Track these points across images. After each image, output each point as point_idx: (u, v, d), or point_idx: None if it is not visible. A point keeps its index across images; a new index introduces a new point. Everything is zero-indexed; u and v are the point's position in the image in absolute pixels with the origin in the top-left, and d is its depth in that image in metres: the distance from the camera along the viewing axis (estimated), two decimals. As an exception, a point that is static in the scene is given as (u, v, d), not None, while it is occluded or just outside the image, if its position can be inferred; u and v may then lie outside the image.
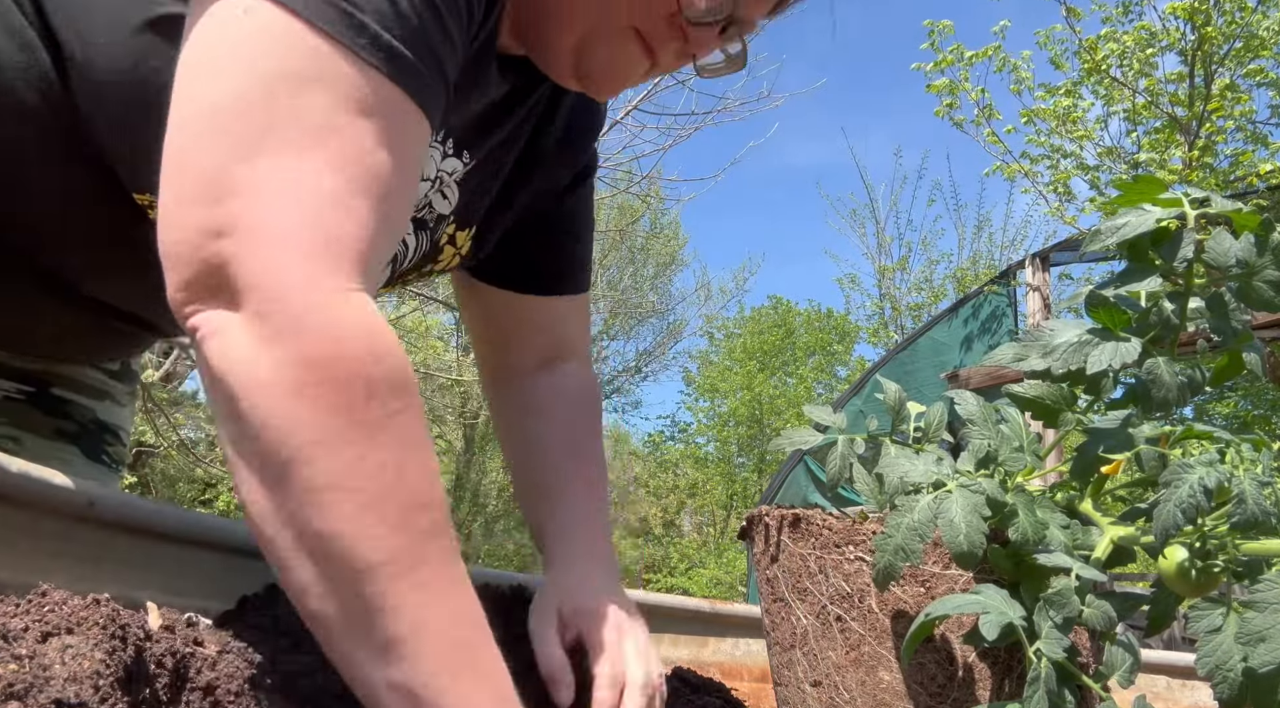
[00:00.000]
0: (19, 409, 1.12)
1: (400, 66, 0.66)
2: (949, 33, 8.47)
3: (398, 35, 0.66)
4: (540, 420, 1.11)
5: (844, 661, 0.85)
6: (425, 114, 0.69)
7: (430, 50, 0.69)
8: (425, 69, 0.69)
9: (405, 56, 0.67)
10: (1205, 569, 0.74)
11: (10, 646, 0.61)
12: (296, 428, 0.59)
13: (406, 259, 0.97)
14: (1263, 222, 0.76)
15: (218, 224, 0.60)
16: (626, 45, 0.87)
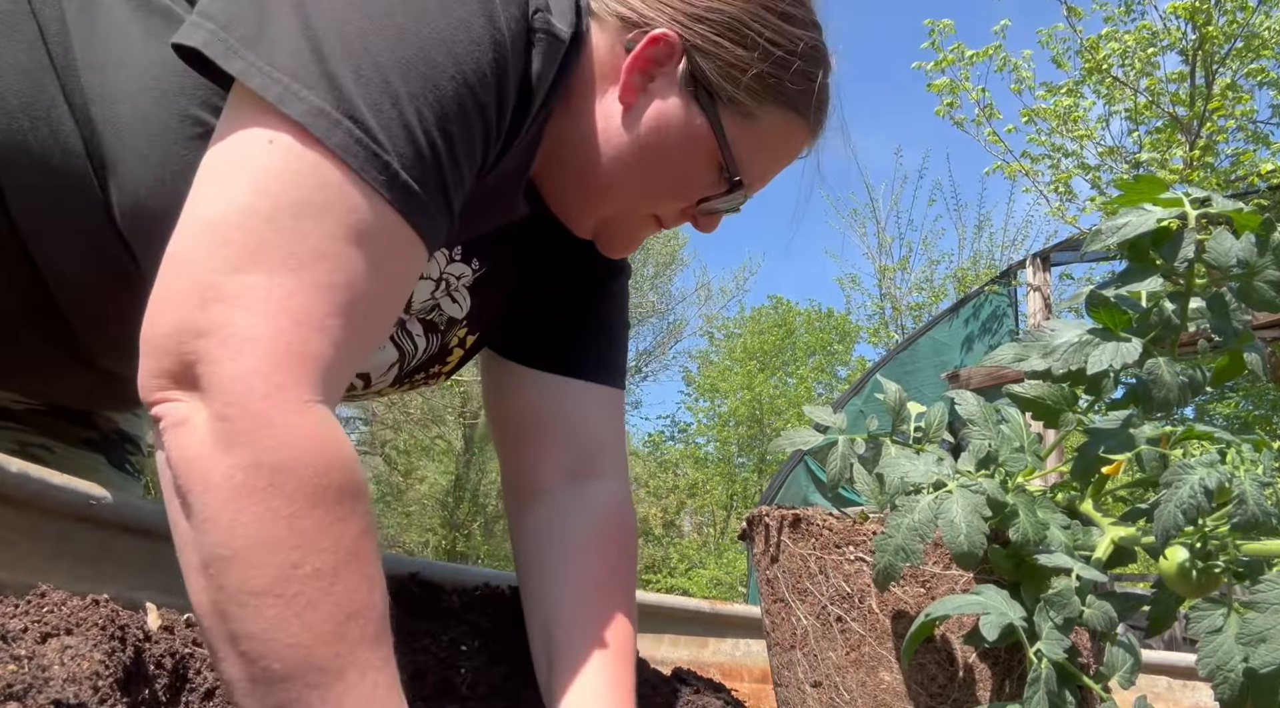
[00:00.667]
0: (48, 420, 1.16)
1: (411, 204, 0.71)
2: (949, 32, 8.46)
3: (414, 175, 0.70)
4: (563, 559, 0.99)
5: (844, 661, 0.85)
6: (425, 243, 0.74)
7: (441, 187, 0.73)
8: (432, 205, 0.73)
9: (417, 195, 0.71)
10: (1206, 570, 0.74)
11: (9, 646, 0.61)
12: (238, 530, 0.62)
13: (415, 358, 1.01)
14: (1264, 221, 0.76)
15: (199, 326, 0.64)
16: (645, 225, 0.99)
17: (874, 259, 17.15)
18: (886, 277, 17.04)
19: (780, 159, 0.98)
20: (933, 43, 8.48)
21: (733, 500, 18.68)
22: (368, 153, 0.68)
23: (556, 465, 1.04)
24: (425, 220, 0.73)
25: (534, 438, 1.05)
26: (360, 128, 0.68)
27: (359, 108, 0.68)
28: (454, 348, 1.05)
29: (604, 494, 1.03)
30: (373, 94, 0.69)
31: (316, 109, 0.67)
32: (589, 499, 1.03)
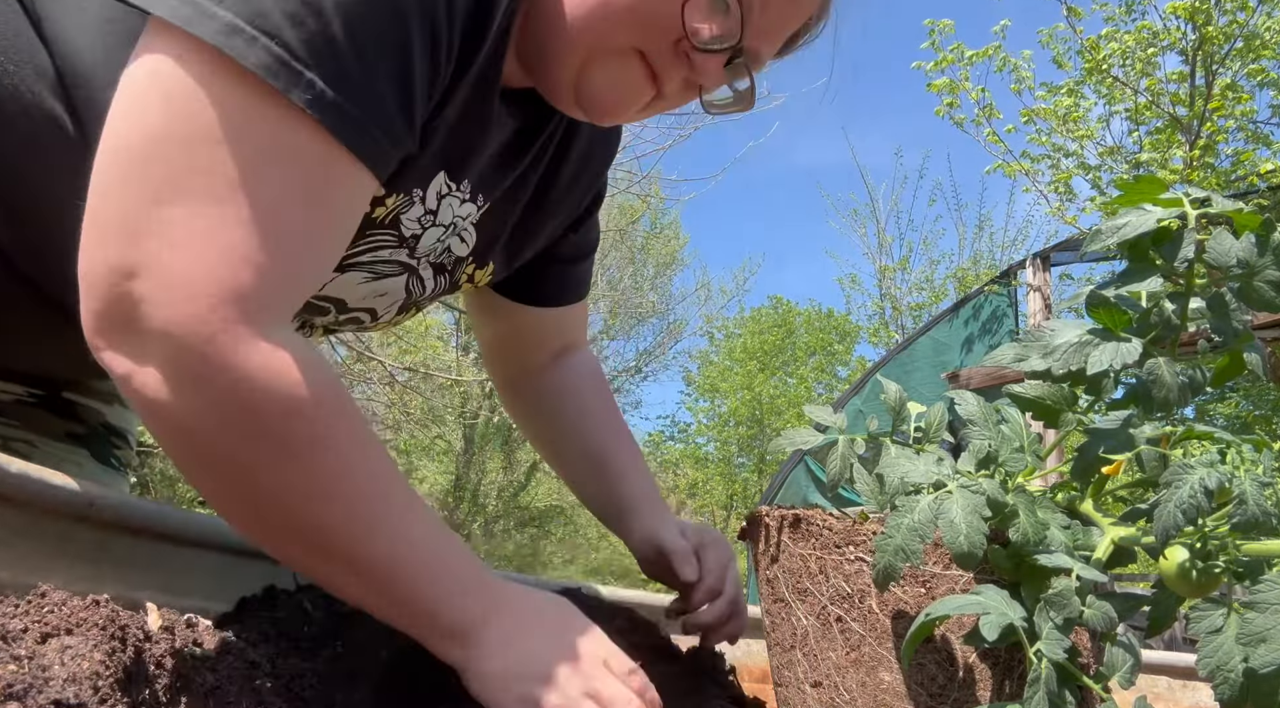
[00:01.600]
0: (32, 413, 1.14)
1: (344, 124, 0.67)
2: (949, 32, 8.47)
3: (345, 92, 0.67)
4: (571, 401, 1.25)
5: (844, 661, 0.85)
6: (369, 167, 0.71)
7: (379, 105, 0.69)
8: (372, 124, 0.69)
9: (350, 114, 0.67)
10: (1206, 570, 0.74)
11: (9, 646, 0.61)
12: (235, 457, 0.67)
13: (425, 295, 1.01)
14: (1264, 222, 0.76)
15: (129, 264, 0.63)
16: (629, 67, 0.84)
17: (874, 259, 17.16)
18: (887, 277, 17.04)
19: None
20: (932, 43, 8.48)
21: (733, 500, 18.68)
22: (290, 72, 0.64)
23: (544, 356, 1.26)
24: (363, 141, 0.69)
25: (526, 343, 1.25)
26: (279, 44, 0.64)
27: (277, 21, 0.64)
28: (464, 283, 1.07)
29: (581, 359, 1.29)
30: (292, 4, 0.64)
31: (229, 26, 0.63)
32: (574, 363, 1.27)
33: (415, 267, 0.95)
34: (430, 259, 0.96)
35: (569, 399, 1.26)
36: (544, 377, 1.27)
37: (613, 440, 1.24)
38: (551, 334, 1.25)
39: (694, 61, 0.83)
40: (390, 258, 0.90)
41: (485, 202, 0.96)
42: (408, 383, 10.76)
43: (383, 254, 0.89)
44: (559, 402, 1.26)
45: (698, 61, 0.83)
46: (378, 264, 0.90)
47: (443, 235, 0.94)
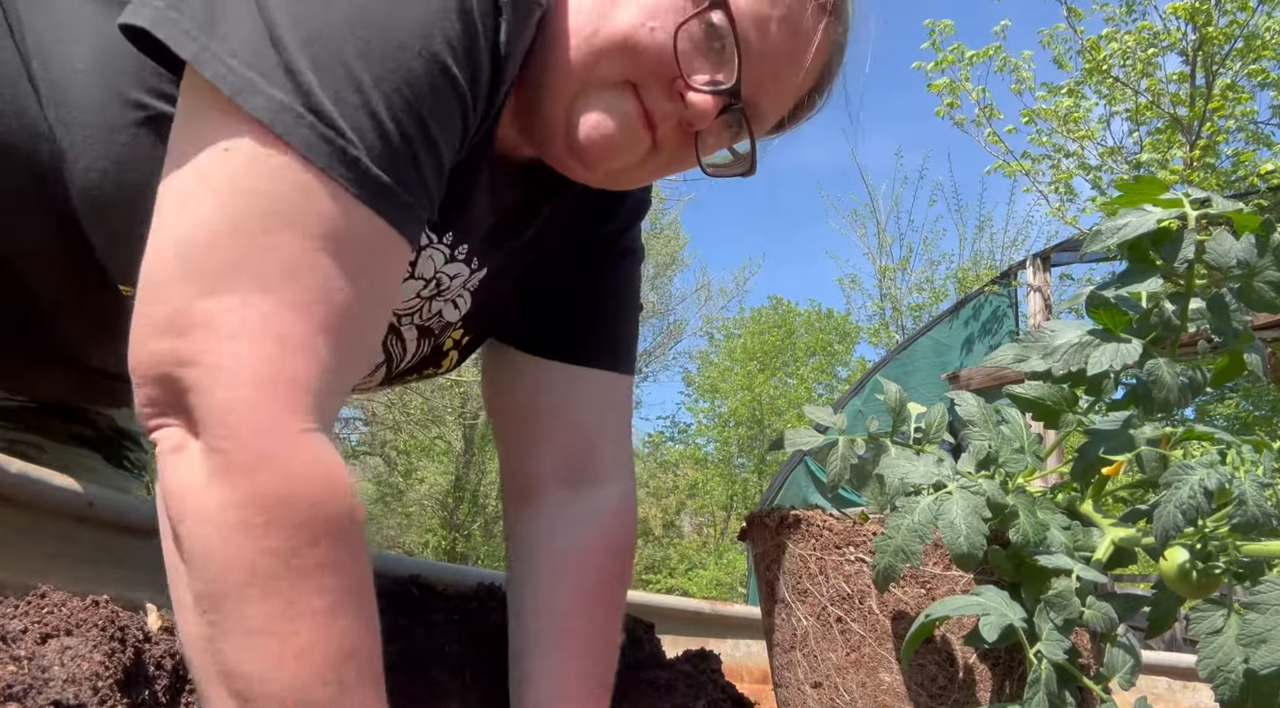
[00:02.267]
0: (39, 417, 1.14)
1: (385, 199, 0.66)
2: (949, 32, 8.46)
3: (385, 167, 0.66)
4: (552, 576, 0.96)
5: (844, 662, 0.85)
6: (405, 238, 0.70)
7: (417, 175, 0.69)
8: (410, 196, 0.68)
9: (391, 188, 0.66)
10: (1206, 571, 0.74)
11: (9, 647, 0.61)
12: (233, 567, 0.60)
13: (404, 362, 0.96)
14: (1263, 222, 0.76)
15: (180, 355, 0.62)
16: (622, 101, 0.81)
17: (874, 259, 17.15)
18: (887, 277, 17.04)
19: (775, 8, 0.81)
20: (933, 43, 8.47)
21: (733, 501, 18.68)
22: (333, 149, 0.64)
23: (553, 465, 0.99)
24: (402, 214, 0.68)
25: (530, 432, 1.00)
26: (324, 122, 0.63)
27: (321, 100, 0.63)
28: (449, 350, 1.00)
29: (601, 504, 0.99)
30: (335, 82, 0.64)
31: (277, 104, 0.63)
32: (584, 510, 0.98)
33: (396, 325, 0.91)
34: (416, 320, 0.92)
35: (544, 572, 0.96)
36: (538, 508, 0.99)
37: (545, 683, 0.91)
38: (563, 421, 0.99)
39: (688, 102, 0.81)
40: None
41: (480, 266, 0.92)
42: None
43: None
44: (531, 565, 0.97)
45: (692, 101, 0.81)
46: None
47: (424, 290, 0.89)
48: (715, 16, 0.79)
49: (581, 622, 0.93)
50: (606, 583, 0.97)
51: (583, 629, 0.93)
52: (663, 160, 0.87)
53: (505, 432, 1.03)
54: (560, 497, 0.99)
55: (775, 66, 0.84)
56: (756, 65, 0.82)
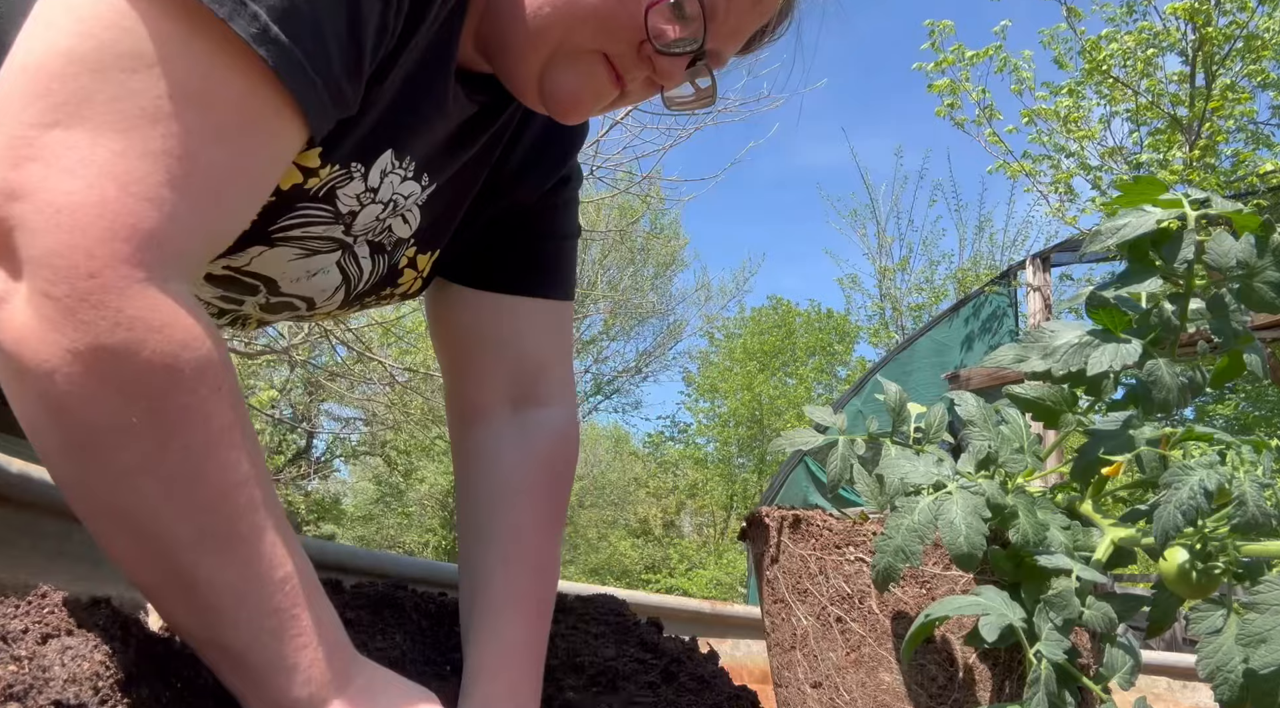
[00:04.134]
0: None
1: (285, 60, 0.62)
2: (950, 33, 8.46)
3: (290, 28, 0.62)
4: (499, 497, 0.98)
5: (844, 662, 0.85)
6: (306, 117, 0.66)
7: (325, 49, 0.65)
8: (316, 69, 0.65)
9: (292, 52, 0.62)
10: (1206, 571, 0.74)
11: (10, 647, 0.61)
12: (94, 415, 0.59)
13: (362, 282, 0.94)
14: (1263, 223, 0.76)
15: (12, 186, 0.58)
16: (593, 70, 0.84)
17: (874, 260, 17.16)
18: (887, 277, 17.05)
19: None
20: (933, 43, 8.47)
21: (733, 501, 18.69)
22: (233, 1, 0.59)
23: (497, 391, 1.02)
24: (305, 86, 0.64)
25: (474, 361, 1.03)
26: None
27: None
28: (404, 268, 0.98)
29: (544, 426, 1.02)
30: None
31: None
32: (528, 432, 1.01)
33: (350, 244, 0.89)
34: (368, 237, 0.91)
35: (491, 493, 0.99)
36: (484, 432, 1.01)
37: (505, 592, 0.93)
38: (506, 350, 1.02)
39: (656, 64, 0.83)
40: (324, 234, 0.85)
41: (431, 182, 0.91)
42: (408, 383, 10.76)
43: (315, 230, 0.84)
44: (478, 486, 1.00)
45: (660, 64, 0.83)
46: (310, 240, 0.85)
47: (381, 213, 0.89)
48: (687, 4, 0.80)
49: (534, 539, 0.97)
50: (554, 501, 1.01)
51: (534, 547, 0.97)
52: (628, 101, 0.90)
53: (451, 357, 1.05)
54: (508, 417, 1.02)
55: (740, 22, 0.86)
56: (723, 24, 0.84)
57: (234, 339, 6.82)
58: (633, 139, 6.61)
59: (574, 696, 0.98)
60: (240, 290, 0.88)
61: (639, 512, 19.98)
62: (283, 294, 0.90)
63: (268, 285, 0.88)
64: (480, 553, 0.96)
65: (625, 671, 1.05)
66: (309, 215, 0.82)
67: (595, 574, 17.69)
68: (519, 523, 0.97)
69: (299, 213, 0.82)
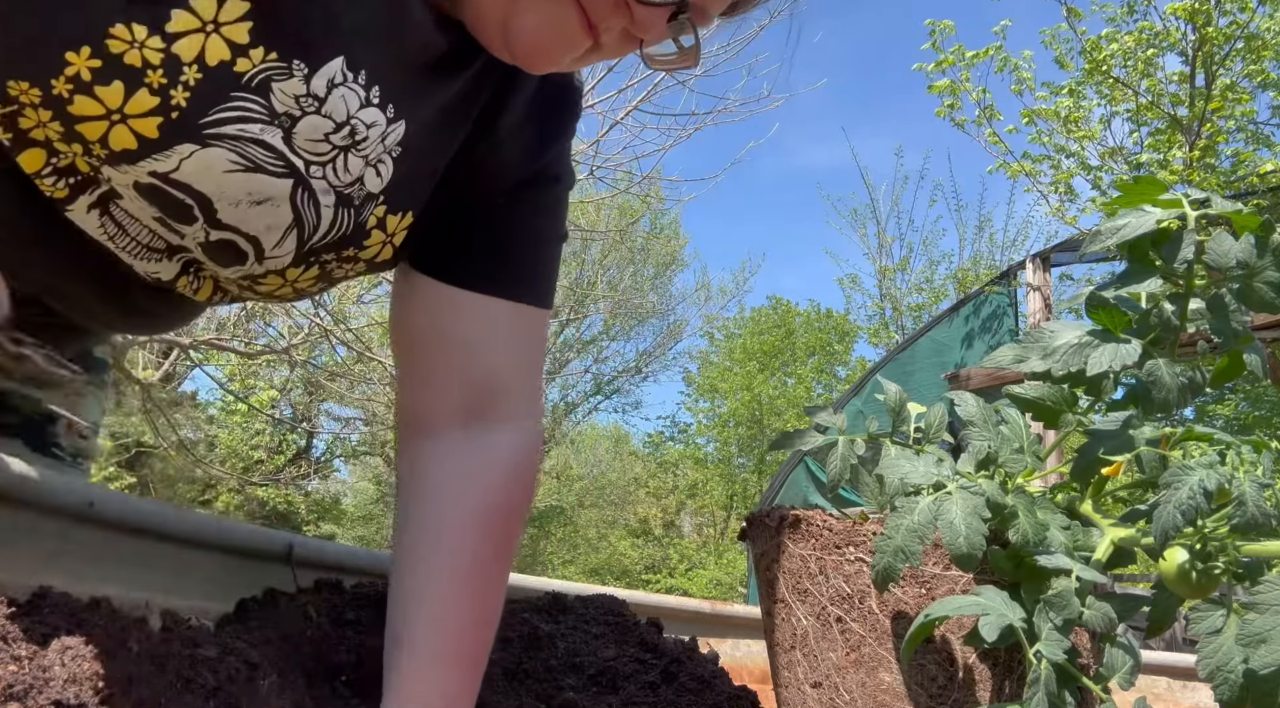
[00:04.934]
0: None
1: None
2: (950, 33, 8.46)
3: None
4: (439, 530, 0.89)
5: (844, 662, 0.85)
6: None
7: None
8: None
9: None
10: (1206, 571, 0.74)
11: (10, 647, 0.61)
12: None
13: (319, 232, 0.84)
14: (1263, 223, 0.76)
15: None
16: (564, 14, 0.76)
17: (874, 259, 17.16)
18: (887, 277, 17.05)
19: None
20: (933, 43, 8.47)
21: (733, 501, 18.68)
22: None
23: (448, 401, 0.91)
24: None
25: (427, 363, 0.93)
26: None
27: None
28: (372, 229, 0.88)
29: (496, 451, 0.91)
30: None
31: None
32: (476, 457, 0.91)
33: (304, 173, 0.80)
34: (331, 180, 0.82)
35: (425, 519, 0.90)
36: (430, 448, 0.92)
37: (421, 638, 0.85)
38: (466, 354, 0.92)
39: (634, 13, 0.76)
40: (260, 136, 0.76)
41: (399, 117, 0.83)
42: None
43: (251, 128, 0.75)
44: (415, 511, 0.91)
45: (638, 14, 0.76)
46: (246, 142, 0.76)
47: (334, 134, 0.80)
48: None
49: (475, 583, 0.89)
50: (500, 541, 0.91)
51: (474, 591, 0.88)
52: (603, 55, 0.83)
53: (408, 357, 0.95)
54: (462, 433, 0.91)
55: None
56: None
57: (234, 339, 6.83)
58: (633, 139, 6.60)
59: (574, 696, 0.99)
60: (175, 215, 0.78)
61: (639, 512, 19.98)
62: (223, 226, 0.80)
63: (203, 208, 0.78)
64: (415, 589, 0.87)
65: (625, 671, 1.05)
66: (242, 107, 0.74)
67: (595, 574, 17.68)
68: (458, 566, 0.88)
69: (231, 103, 0.73)
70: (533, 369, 0.96)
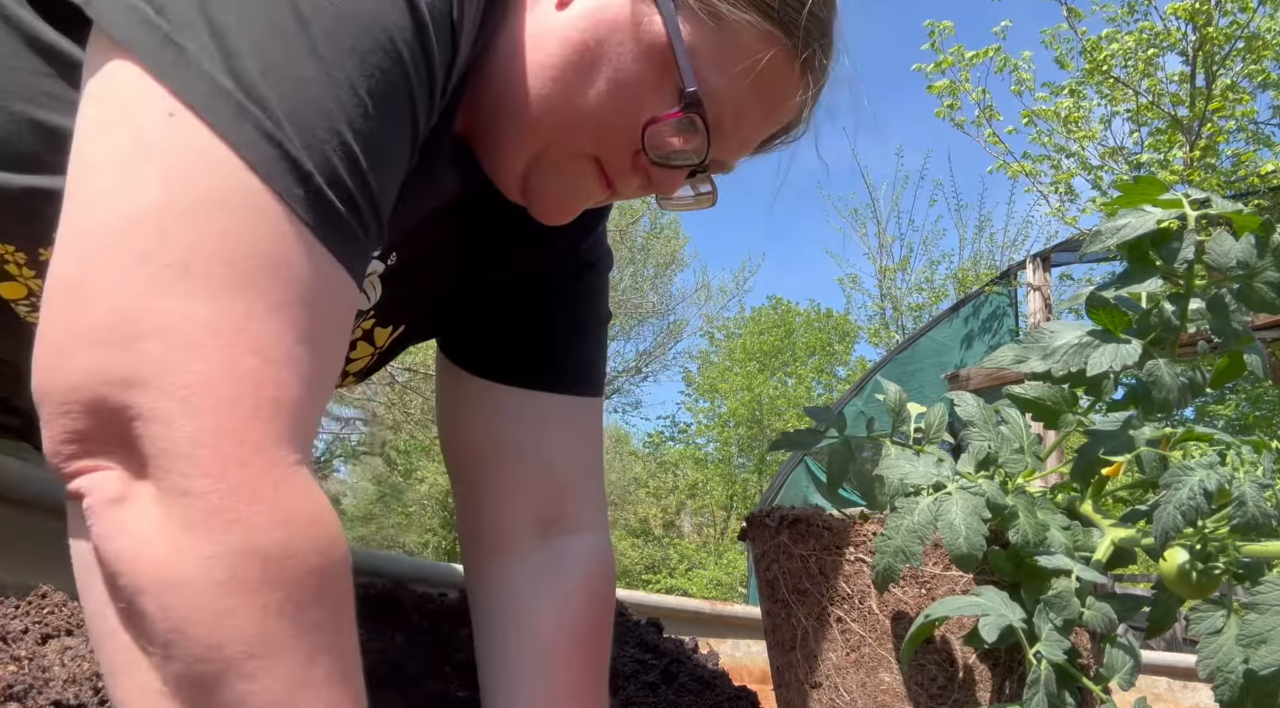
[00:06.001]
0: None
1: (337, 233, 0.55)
2: (950, 33, 8.46)
3: (341, 195, 0.55)
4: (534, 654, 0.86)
5: (844, 662, 0.85)
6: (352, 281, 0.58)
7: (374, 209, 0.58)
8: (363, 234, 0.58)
9: (346, 224, 0.56)
10: (1206, 571, 0.74)
11: (10, 647, 0.61)
12: (228, 637, 0.48)
13: None
14: (1263, 223, 0.76)
15: (126, 372, 0.49)
16: (583, 173, 0.77)
17: (874, 260, 17.16)
18: (887, 277, 17.05)
19: (755, 88, 0.76)
20: (933, 44, 8.47)
21: (733, 501, 18.68)
22: (281, 156, 0.52)
23: (522, 513, 0.89)
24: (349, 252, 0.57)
25: (492, 475, 0.90)
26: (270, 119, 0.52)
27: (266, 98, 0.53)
28: (358, 341, 0.88)
29: (578, 560, 0.90)
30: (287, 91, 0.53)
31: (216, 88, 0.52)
32: (560, 569, 0.89)
33: None
34: None
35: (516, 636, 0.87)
36: (507, 565, 0.89)
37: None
38: (529, 459, 0.89)
39: (652, 175, 0.78)
40: None
41: (397, 259, 0.83)
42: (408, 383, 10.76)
43: None
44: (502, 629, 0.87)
45: (656, 175, 0.78)
46: None
47: None
48: (689, 118, 0.74)
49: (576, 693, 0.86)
50: (597, 658, 0.89)
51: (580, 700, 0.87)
52: (616, 200, 0.84)
53: (468, 471, 0.92)
54: (535, 546, 0.89)
55: (750, 136, 0.81)
56: (730, 137, 0.79)
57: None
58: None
59: (574, 696, 0.98)
60: None
61: (639, 512, 19.98)
62: None
63: None
64: None
65: (625, 671, 1.05)
66: None
67: (595, 574, 17.64)
68: (557, 690, 0.85)
69: None
70: (598, 467, 0.94)
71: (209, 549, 0.49)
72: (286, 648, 0.50)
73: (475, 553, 0.92)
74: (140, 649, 0.50)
